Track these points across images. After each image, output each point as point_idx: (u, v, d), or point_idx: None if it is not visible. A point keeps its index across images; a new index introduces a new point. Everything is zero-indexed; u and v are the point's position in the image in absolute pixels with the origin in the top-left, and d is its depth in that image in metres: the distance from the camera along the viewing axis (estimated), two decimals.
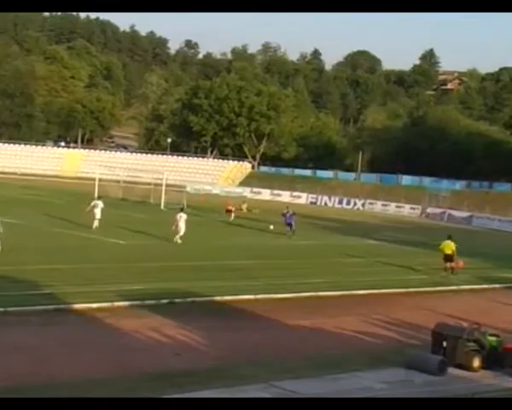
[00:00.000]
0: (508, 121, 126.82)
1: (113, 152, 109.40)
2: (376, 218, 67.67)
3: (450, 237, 33.39)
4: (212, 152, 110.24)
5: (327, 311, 22.98)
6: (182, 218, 36.04)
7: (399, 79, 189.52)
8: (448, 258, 32.37)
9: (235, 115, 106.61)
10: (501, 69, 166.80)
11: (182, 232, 35.71)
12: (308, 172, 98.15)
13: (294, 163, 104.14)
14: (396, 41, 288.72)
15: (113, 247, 33.97)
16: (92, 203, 39.80)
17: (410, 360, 16.28)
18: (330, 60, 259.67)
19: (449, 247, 32.52)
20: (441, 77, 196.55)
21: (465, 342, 16.45)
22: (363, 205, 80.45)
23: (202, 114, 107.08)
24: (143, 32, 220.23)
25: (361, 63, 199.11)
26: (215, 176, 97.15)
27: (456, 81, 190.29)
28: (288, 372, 15.36)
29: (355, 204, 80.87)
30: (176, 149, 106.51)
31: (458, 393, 14.60)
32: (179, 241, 35.45)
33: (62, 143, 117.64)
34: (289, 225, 43.78)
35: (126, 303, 21.53)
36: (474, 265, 34.29)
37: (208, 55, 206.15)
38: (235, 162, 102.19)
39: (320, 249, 39.60)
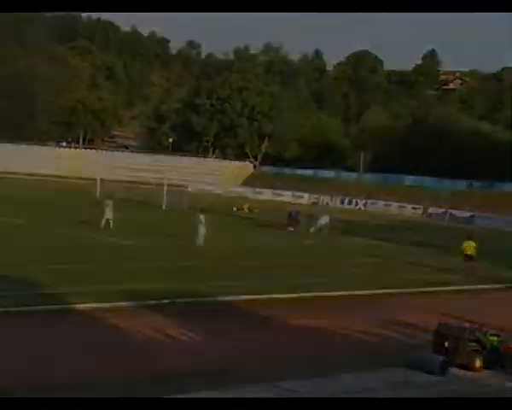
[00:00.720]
0: (509, 121, 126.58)
1: (114, 152, 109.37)
2: (378, 218, 67.60)
3: (470, 238, 33.52)
4: (213, 152, 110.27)
5: (328, 311, 22.94)
6: (197, 219, 36.06)
7: (401, 78, 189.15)
8: (469, 258, 32.48)
9: (237, 115, 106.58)
10: (503, 69, 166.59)
11: (201, 234, 35.75)
12: (310, 172, 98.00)
13: (296, 163, 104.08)
14: (397, 41, 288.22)
15: (115, 247, 33.96)
16: (105, 203, 40.56)
17: (411, 360, 16.23)
18: (332, 60, 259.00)
19: (470, 247, 32.69)
20: (443, 77, 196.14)
21: (466, 342, 16.41)
22: (364, 205, 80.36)
23: (204, 114, 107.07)
24: (145, 32, 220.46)
25: (362, 63, 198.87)
26: (217, 176, 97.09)
27: (458, 81, 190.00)
28: (289, 372, 15.31)
29: (357, 204, 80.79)
30: (177, 149, 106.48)
31: (460, 393, 14.56)
32: (201, 242, 35.60)
33: (64, 144, 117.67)
34: (296, 222, 47.50)
35: (127, 303, 21.50)
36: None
37: (210, 56, 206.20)
38: (237, 162, 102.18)
39: (321, 249, 39.58)
